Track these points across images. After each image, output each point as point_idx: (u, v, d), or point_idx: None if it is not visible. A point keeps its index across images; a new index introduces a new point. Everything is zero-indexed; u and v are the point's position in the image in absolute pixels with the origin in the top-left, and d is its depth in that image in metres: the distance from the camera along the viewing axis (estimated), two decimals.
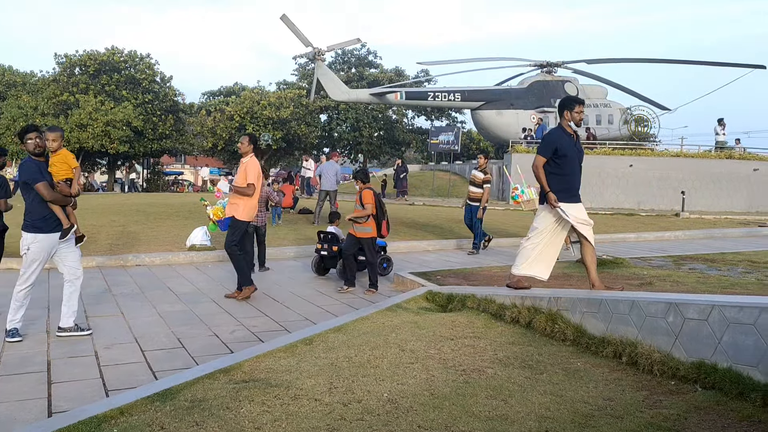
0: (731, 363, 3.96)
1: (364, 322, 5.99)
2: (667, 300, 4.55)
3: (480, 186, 12.21)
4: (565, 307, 5.50)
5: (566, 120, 6.16)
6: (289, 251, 11.95)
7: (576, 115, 6.10)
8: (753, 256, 10.71)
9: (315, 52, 27.75)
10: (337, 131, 43.41)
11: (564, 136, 6.14)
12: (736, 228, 18.54)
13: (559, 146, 6.06)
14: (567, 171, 6.11)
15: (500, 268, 9.52)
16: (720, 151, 26.95)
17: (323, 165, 16.26)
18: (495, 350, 5.02)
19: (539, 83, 30.58)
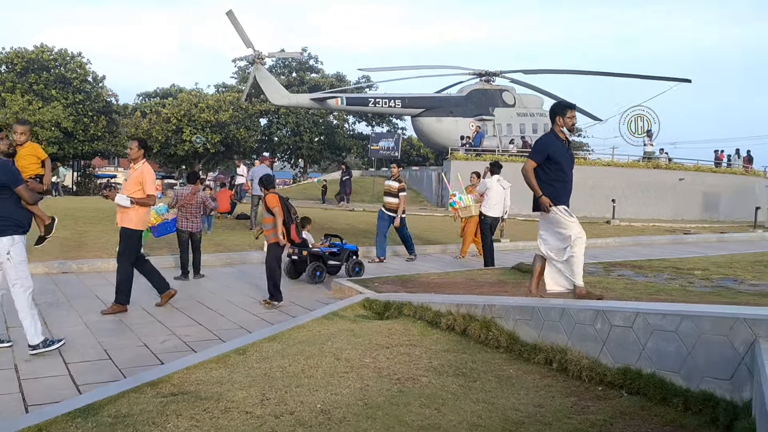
0: (655, 369, 4.10)
1: (299, 331, 5.92)
2: (595, 307, 4.68)
3: (396, 195, 11.89)
4: (499, 315, 5.58)
5: (558, 126, 5.97)
6: (226, 258, 11.71)
7: (568, 120, 5.93)
8: (678, 263, 11.14)
9: (255, 55, 27.40)
10: (277, 135, 42.97)
11: (557, 142, 5.95)
12: (663, 235, 19.33)
13: (552, 152, 5.87)
14: (559, 177, 5.93)
15: (438, 275, 9.59)
16: (648, 161, 28.08)
17: (255, 169, 15.99)
18: (430, 358, 5.04)
19: (478, 92, 31.15)
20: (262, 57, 27.24)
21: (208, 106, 36.82)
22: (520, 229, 18.63)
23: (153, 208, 9.28)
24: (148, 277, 7.69)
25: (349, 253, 10.22)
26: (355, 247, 10.45)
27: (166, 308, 7.56)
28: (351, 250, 10.27)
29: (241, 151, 39.69)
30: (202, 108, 36.62)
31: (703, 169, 28.64)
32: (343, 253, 10.17)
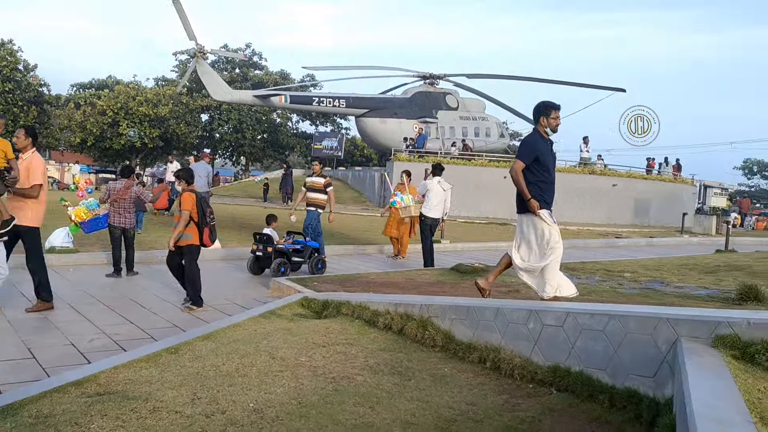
0: (583, 367, 4.22)
1: (235, 330, 5.82)
2: (528, 308, 4.79)
3: (323, 191, 11.34)
4: (436, 314, 5.63)
5: (542, 126, 5.81)
6: (161, 255, 11.39)
7: (552, 121, 5.80)
8: (609, 266, 11.51)
9: (197, 49, 26.81)
10: (219, 132, 42.20)
11: (542, 142, 5.80)
12: (596, 239, 19.96)
13: (540, 153, 5.70)
14: (545, 179, 5.76)
15: (377, 275, 9.61)
16: (584, 167, 28.94)
17: (193, 165, 15.66)
18: (366, 357, 5.05)
19: (422, 94, 31.42)
20: (204, 51, 26.68)
21: (146, 100, 35.80)
22: (460, 230, 18.89)
23: (83, 202, 8.96)
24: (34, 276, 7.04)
25: (312, 250, 10.50)
26: (317, 245, 10.73)
27: (96, 306, 7.30)
28: (314, 248, 10.56)
29: (181, 147, 38.78)
30: (140, 101, 35.58)
31: (635, 176, 29.73)
32: (307, 250, 10.41)
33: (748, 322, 3.43)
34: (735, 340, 3.42)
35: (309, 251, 10.41)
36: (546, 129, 5.85)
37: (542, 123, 5.82)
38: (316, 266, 10.32)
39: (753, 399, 2.71)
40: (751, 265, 10.04)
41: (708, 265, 10.62)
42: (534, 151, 5.71)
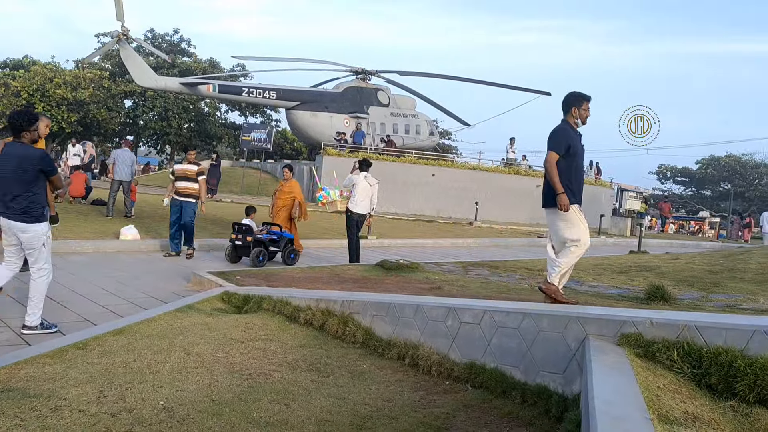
0: (498, 363, 4.32)
1: (149, 324, 5.63)
2: (447, 305, 4.85)
3: (194, 180, 10.94)
4: (357, 310, 5.63)
5: (573, 117, 5.53)
6: (76, 245, 10.91)
7: (584, 112, 5.55)
8: (530, 264, 11.84)
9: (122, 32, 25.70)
10: (143, 119, 40.68)
11: (572, 133, 5.51)
12: (519, 238, 20.51)
13: (571, 142, 5.41)
14: (573, 171, 5.46)
15: (301, 270, 9.53)
16: (509, 167, 29.66)
17: (117, 153, 15.06)
18: (285, 353, 4.98)
19: (354, 89, 31.35)
20: (128, 34, 25.65)
21: (65, 82, 34.06)
22: (388, 226, 18.99)
23: None
24: None
25: (287, 241, 11.06)
26: (292, 236, 11.31)
27: (1, 298, 6.89)
28: (289, 238, 11.14)
29: (102, 133, 37.21)
30: (58, 83, 33.82)
31: None
32: (282, 240, 10.96)
33: (650, 322, 3.59)
34: (639, 338, 3.57)
35: (284, 241, 10.97)
36: (576, 120, 5.59)
37: (573, 114, 5.54)
38: (288, 256, 10.89)
39: (652, 396, 2.83)
40: (660, 266, 10.55)
41: (621, 266, 11.08)
42: (566, 141, 5.40)
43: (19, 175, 5.51)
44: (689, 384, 3.22)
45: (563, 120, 5.61)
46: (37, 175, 5.58)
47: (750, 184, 63.55)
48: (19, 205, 5.54)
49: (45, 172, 5.63)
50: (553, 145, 5.44)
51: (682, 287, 7.94)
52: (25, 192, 5.54)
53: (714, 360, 3.19)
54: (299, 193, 12.08)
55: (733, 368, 3.09)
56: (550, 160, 5.39)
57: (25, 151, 5.58)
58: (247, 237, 10.45)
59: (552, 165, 5.37)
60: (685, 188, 71.02)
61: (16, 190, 5.53)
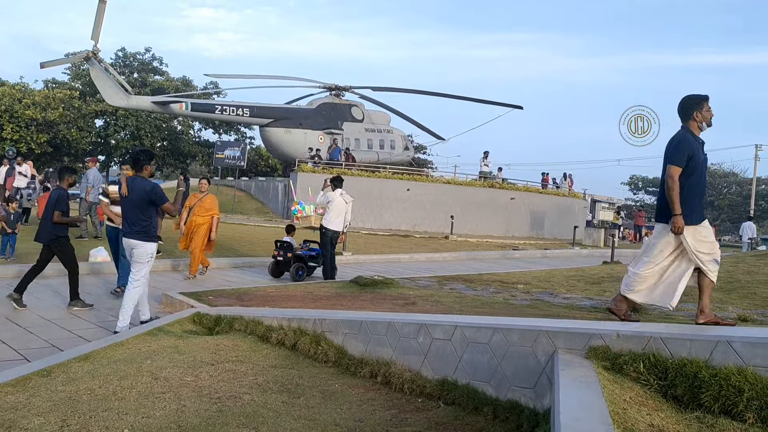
0: (469, 379, 4.30)
1: (117, 349, 5.52)
2: (418, 321, 4.83)
3: None
4: (329, 329, 5.58)
5: (696, 121, 5.04)
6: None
7: (707, 114, 5.07)
8: (504, 277, 11.89)
9: (92, 51, 25.42)
10: (115, 138, 40.23)
11: (694, 141, 5.02)
12: (494, 251, 20.60)
13: (693, 152, 4.94)
14: (696, 183, 5.01)
15: (276, 288, 9.44)
16: (484, 181, 29.88)
17: (93, 173, 14.85)
18: (256, 375, 4.92)
19: (327, 105, 31.40)
20: (97, 53, 25.38)
21: (34, 103, 33.59)
22: (363, 242, 18.95)
23: None
24: None
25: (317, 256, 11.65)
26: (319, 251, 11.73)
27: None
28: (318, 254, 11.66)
29: (72, 153, 36.68)
30: (27, 104, 33.35)
31: (531, 190, 31.00)
32: (320, 257, 11.53)
33: (617, 334, 3.61)
34: (606, 351, 3.59)
35: (323, 258, 11.49)
36: (701, 124, 5.10)
37: (696, 118, 5.03)
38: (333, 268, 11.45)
39: (618, 409, 2.84)
40: None
41: (594, 276, 11.18)
42: (687, 150, 4.93)
43: (139, 204, 6.78)
44: (656, 396, 3.24)
45: (683, 127, 5.12)
46: (150, 203, 6.81)
47: (720, 192, 64.78)
48: (137, 227, 6.81)
49: (154, 201, 6.82)
50: (673, 156, 4.98)
51: None
52: (143, 216, 6.80)
53: (679, 371, 3.22)
54: (217, 210, 11.40)
55: (698, 379, 3.12)
56: (672, 175, 4.93)
57: (143, 184, 6.84)
58: (287, 253, 11.33)
59: (674, 180, 4.91)
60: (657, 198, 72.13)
61: (136, 215, 6.81)
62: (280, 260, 11.47)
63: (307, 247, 11.84)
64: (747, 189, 56.53)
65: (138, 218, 6.81)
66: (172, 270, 12.08)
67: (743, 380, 3.00)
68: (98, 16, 24.26)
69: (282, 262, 11.47)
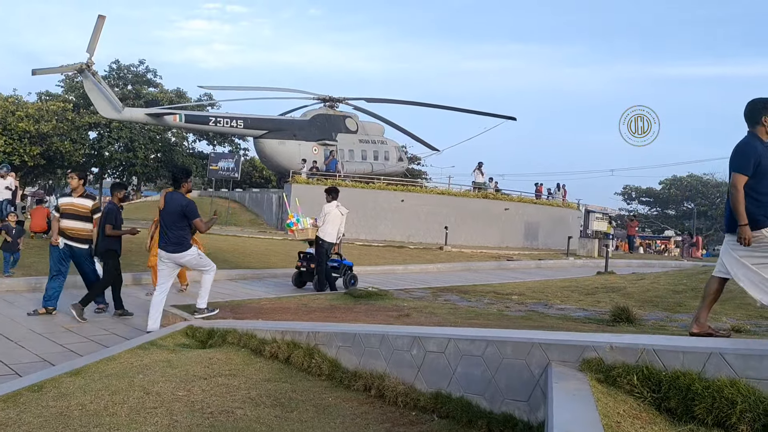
0: (463, 392, 4.29)
1: (109, 363, 5.48)
2: (411, 334, 4.82)
3: (87, 218, 8.50)
4: (323, 342, 5.56)
5: (765, 126, 4.74)
6: (35, 282, 10.63)
7: None
8: (499, 288, 11.89)
9: (85, 63, 25.39)
10: (108, 150, 40.14)
11: (761, 146, 4.72)
12: (489, 261, 20.61)
13: (761, 158, 4.66)
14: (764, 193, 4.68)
15: (270, 301, 9.42)
16: (478, 191, 29.93)
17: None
18: (249, 389, 4.89)
19: (321, 116, 31.44)
20: (91, 65, 25.37)
21: (27, 115, 33.51)
22: (357, 253, 18.91)
23: None
24: None
25: (347, 268, 12.06)
26: (350, 263, 12.31)
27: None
28: (348, 266, 12.15)
29: (65, 165, 36.56)
30: (21, 116, 33.26)
31: (525, 200, 31.07)
32: (342, 268, 11.93)
33: (610, 347, 3.61)
34: (600, 363, 3.59)
35: (344, 268, 11.97)
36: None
37: (765, 123, 4.74)
38: (349, 281, 11.88)
39: (612, 423, 2.83)
40: (626, 287, 10.68)
41: (588, 287, 11.19)
42: (753, 158, 4.65)
43: (174, 217, 7.29)
44: (649, 408, 3.23)
45: (749, 132, 4.84)
46: (183, 217, 7.30)
47: (712, 203, 65.07)
48: (173, 238, 7.32)
49: (187, 216, 7.29)
50: (738, 164, 4.70)
51: (647, 308, 8.04)
52: (178, 230, 7.32)
53: (672, 384, 3.22)
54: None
55: (691, 391, 3.12)
56: (736, 184, 4.65)
57: (179, 199, 7.35)
58: (311, 264, 11.58)
59: (738, 190, 4.64)
60: (650, 208, 72.45)
61: (172, 229, 7.31)
62: (303, 271, 11.80)
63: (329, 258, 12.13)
64: None
65: (173, 230, 7.34)
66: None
67: (736, 392, 3.00)
68: (96, 30, 24.36)
69: (305, 273, 11.80)
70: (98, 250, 8.62)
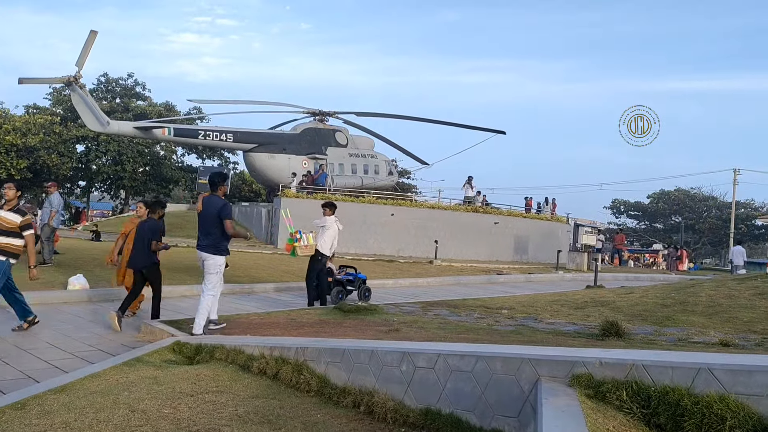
0: (453, 408, 4.25)
1: (94, 380, 5.40)
2: (401, 349, 4.79)
3: (16, 234, 7.99)
4: (312, 357, 5.52)
5: None
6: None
7: None
8: (488, 302, 11.86)
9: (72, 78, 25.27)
10: (96, 164, 39.96)
11: None
12: (479, 275, 20.60)
13: None
14: None
15: (259, 315, 9.34)
16: (468, 205, 29.99)
17: (57, 197, 14.65)
18: (236, 406, 4.83)
19: (311, 130, 31.47)
20: (78, 79, 25.26)
21: (14, 128, 33.33)
22: None
23: None
24: None
25: (361, 281, 12.58)
26: (365, 276, 12.80)
27: None
28: (362, 279, 12.67)
29: (53, 179, 36.34)
30: (8, 130, 33.06)
31: (514, 214, 31.17)
32: (357, 281, 12.50)
33: (600, 362, 3.60)
34: (589, 379, 3.57)
35: (359, 282, 12.54)
36: None
37: None
38: (364, 294, 12.39)
39: None
40: (615, 301, 10.69)
41: (577, 301, 11.19)
42: None
43: (211, 219, 7.52)
44: (638, 424, 3.22)
45: None
46: (220, 219, 7.50)
47: (699, 216, 65.58)
48: (208, 241, 7.55)
49: (221, 217, 7.52)
50: None
51: (636, 322, 8.05)
52: (214, 231, 7.53)
53: (662, 399, 3.21)
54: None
55: (681, 407, 3.11)
56: None
57: (216, 202, 7.65)
58: (328, 278, 11.91)
59: None
60: (639, 222, 72.87)
61: (208, 230, 7.55)
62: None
63: (345, 272, 12.78)
64: (726, 213, 57.31)
65: (209, 232, 7.58)
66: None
67: (725, 408, 3.00)
68: (87, 44, 24.31)
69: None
70: (138, 264, 8.89)
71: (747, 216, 62.10)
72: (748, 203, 64.85)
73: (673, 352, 4.60)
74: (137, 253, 8.88)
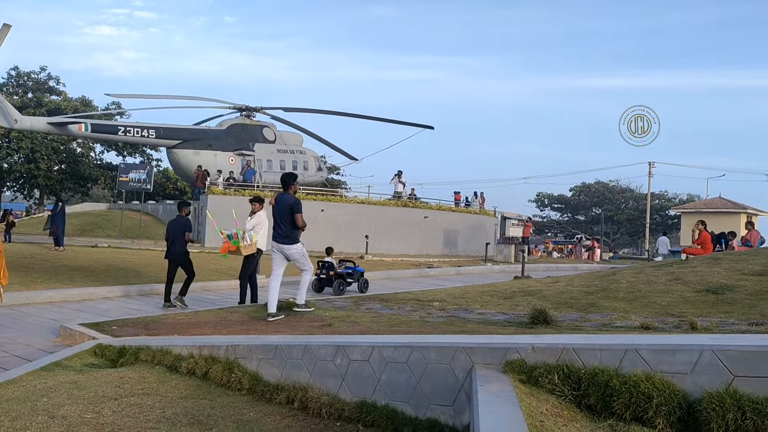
0: (389, 400, 4.24)
1: (9, 387, 5.09)
2: (335, 343, 4.73)
3: None
4: (243, 355, 5.38)
5: None
6: None
7: None
8: (420, 295, 11.94)
9: None
10: (8, 162, 37.80)
11: None
12: (410, 269, 20.77)
13: None
14: None
15: (186, 315, 9.07)
16: (398, 200, 30.17)
17: None
18: (164, 407, 4.65)
19: (238, 126, 30.85)
20: None
21: None
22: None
23: None
24: None
25: (359, 274, 13.61)
26: (362, 270, 13.89)
27: None
28: (360, 272, 13.72)
29: None
30: None
31: (444, 208, 31.58)
32: (356, 274, 13.49)
33: (532, 348, 3.66)
34: (522, 364, 3.62)
35: (358, 274, 13.50)
36: None
37: None
38: (363, 286, 13.39)
39: (536, 422, 2.86)
40: (542, 290, 10.98)
41: (506, 291, 11.43)
42: None
43: (285, 215, 8.36)
44: (570, 406, 3.29)
45: None
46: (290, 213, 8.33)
47: (618, 208, 68.43)
48: (283, 232, 8.39)
49: (293, 211, 8.36)
50: None
51: (563, 309, 8.28)
52: (288, 225, 8.38)
53: (591, 381, 3.29)
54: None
55: (610, 387, 3.19)
56: None
57: (288, 199, 8.47)
58: (329, 272, 13.01)
59: None
60: (562, 214, 75.40)
61: (283, 224, 8.39)
62: (323, 278, 13.10)
63: (344, 266, 13.52)
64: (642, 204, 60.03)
65: (283, 225, 8.40)
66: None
67: (652, 387, 3.10)
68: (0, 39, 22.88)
69: (324, 280, 13.11)
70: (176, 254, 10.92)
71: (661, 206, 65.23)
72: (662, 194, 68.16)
73: (601, 335, 4.74)
74: (174, 244, 10.86)
